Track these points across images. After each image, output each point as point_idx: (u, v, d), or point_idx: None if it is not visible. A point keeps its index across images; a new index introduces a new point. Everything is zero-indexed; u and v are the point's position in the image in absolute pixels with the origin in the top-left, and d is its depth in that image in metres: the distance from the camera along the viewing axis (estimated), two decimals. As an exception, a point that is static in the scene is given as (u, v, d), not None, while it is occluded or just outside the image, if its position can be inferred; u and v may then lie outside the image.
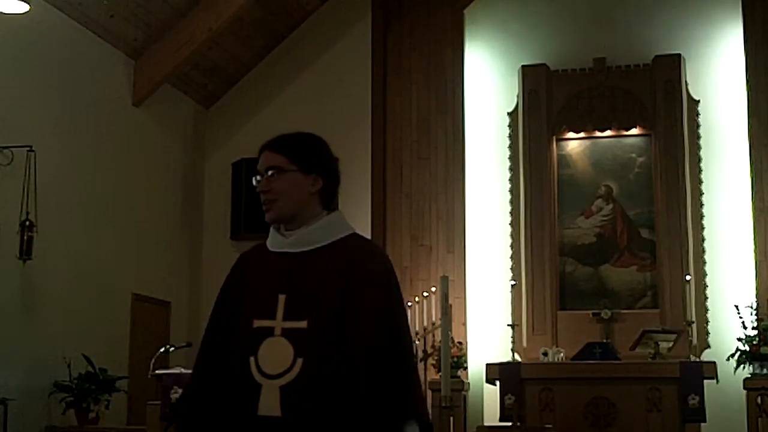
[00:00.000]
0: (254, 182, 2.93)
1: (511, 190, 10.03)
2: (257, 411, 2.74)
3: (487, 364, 8.90)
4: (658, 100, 9.72)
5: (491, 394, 9.13)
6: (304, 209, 2.91)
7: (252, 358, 2.77)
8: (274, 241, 2.94)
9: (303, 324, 2.77)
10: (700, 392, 8.20)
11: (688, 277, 9.25)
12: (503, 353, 9.52)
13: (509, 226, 9.98)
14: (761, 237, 9.42)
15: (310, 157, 2.92)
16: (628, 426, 8.29)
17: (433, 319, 9.56)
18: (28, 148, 8.01)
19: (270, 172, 2.88)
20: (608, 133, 9.91)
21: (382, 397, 2.71)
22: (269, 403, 2.73)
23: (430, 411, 9.16)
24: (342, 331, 2.76)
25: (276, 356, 2.76)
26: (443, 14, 10.43)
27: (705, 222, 9.64)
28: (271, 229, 2.97)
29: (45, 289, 8.34)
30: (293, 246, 2.89)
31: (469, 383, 9.45)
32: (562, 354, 9.03)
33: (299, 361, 2.74)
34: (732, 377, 8.70)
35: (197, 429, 2.89)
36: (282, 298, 2.82)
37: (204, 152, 10.88)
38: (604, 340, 9.08)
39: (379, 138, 10.31)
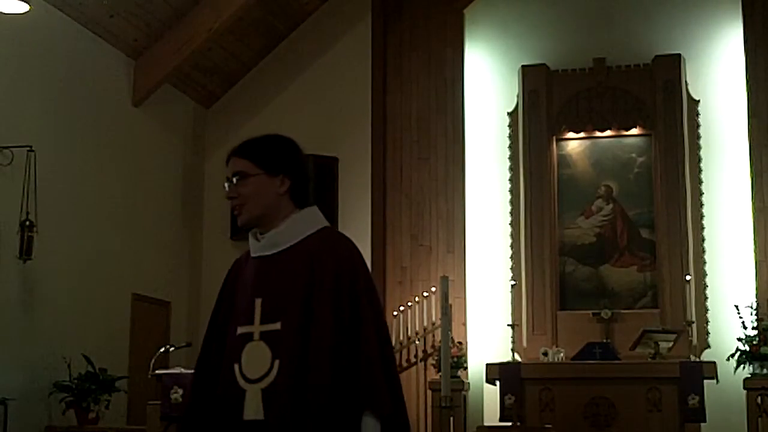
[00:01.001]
0: (225, 188, 2.97)
1: (511, 190, 10.03)
2: (243, 416, 2.79)
3: (487, 364, 8.91)
4: (658, 100, 9.72)
5: (491, 394, 9.14)
6: (273, 211, 2.94)
7: (236, 365, 2.83)
8: (252, 246, 2.98)
9: (277, 326, 2.81)
10: (700, 392, 8.21)
11: (688, 277, 9.25)
12: (503, 353, 9.52)
13: (509, 226, 9.98)
14: (761, 237, 9.42)
15: (274, 159, 2.95)
16: (628, 426, 8.29)
17: (433, 319, 9.56)
18: (28, 148, 8.01)
19: (236, 178, 2.93)
20: (608, 133, 9.91)
21: (340, 396, 2.72)
22: (253, 408, 2.78)
23: (429, 410, 9.17)
24: (308, 330, 2.79)
25: (256, 360, 2.81)
26: (443, 14, 10.42)
27: (705, 222, 9.64)
28: (249, 235, 3.00)
29: (45, 289, 8.34)
30: (265, 249, 2.93)
31: (469, 383, 9.45)
32: (562, 354, 9.03)
33: (276, 363, 2.78)
34: (732, 377, 8.71)
35: None
36: (258, 302, 2.87)
37: (204, 152, 10.88)
38: (604, 340, 9.09)
39: (379, 138, 10.31)
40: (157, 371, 7.65)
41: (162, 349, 8.08)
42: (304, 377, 2.75)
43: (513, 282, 9.67)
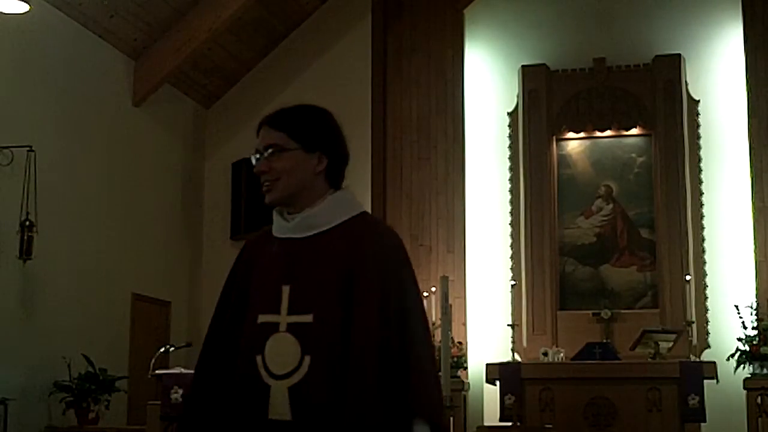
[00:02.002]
0: (253, 161, 2.72)
1: (511, 190, 10.02)
2: (267, 414, 2.53)
3: (487, 364, 8.90)
4: (658, 100, 9.72)
5: (491, 394, 9.13)
6: (307, 190, 2.68)
7: (259, 357, 2.56)
8: (277, 226, 2.71)
9: (308, 318, 2.54)
10: (700, 392, 8.20)
11: (688, 277, 9.25)
12: (503, 353, 9.52)
13: (509, 226, 9.97)
14: (761, 237, 9.42)
15: (313, 134, 2.70)
16: (628, 426, 8.29)
17: (433, 319, 9.55)
18: (28, 148, 8.01)
19: (269, 151, 2.68)
20: (608, 133, 9.90)
21: (387, 398, 2.48)
22: (279, 406, 2.51)
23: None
24: (348, 324, 2.53)
25: (282, 354, 2.54)
26: (443, 14, 10.42)
27: (705, 222, 9.63)
28: (275, 213, 2.74)
29: (45, 289, 8.34)
30: (296, 230, 2.66)
31: (469, 383, 9.45)
32: (562, 354, 9.02)
33: (307, 359, 2.51)
34: (732, 377, 8.71)
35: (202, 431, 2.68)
36: (286, 289, 2.59)
37: (204, 152, 10.88)
38: (604, 340, 9.08)
39: (379, 138, 10.30)
40: (157, 371, 7.64)
41: (162, 349, 8.08)
42: (342, 376, 2.49)
43: (513, 282, 9.67)
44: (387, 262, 2.60)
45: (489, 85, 10.36)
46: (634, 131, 9.88)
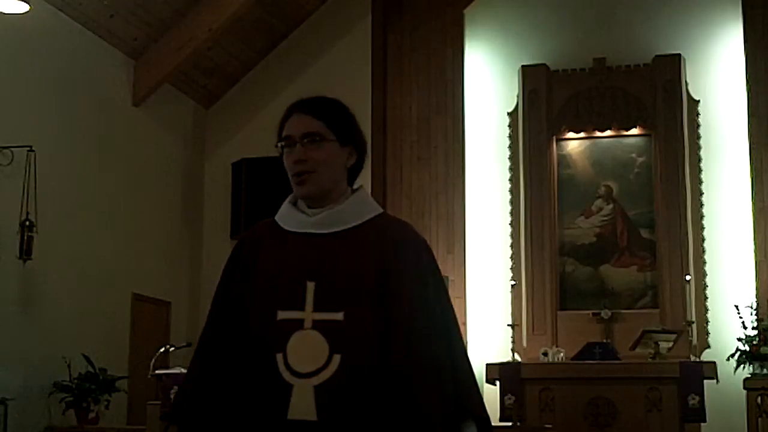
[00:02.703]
0: (280, 149, 2.59)
1: (511, 190, 10.02)
2: (287, 414, 2.41)
3: (487, 364, 8.91)
4: (658, 100, 9.72)
5: (491, 394, 9.11)
6: (336, 185, 2.59)
7: (280, 355, 2.44)
8: (294, 220, 2.60)
9: (339, 316, 2.45)
10: (700, 392, 8.21)
11: (688, 277, 9.25)
12: (503, 353, 9.52)
13: (509, 226, 9.97)
14: (761, 237, 9.42)
15: (348, 127, 2.61)
16: (628, 426, 8.29)
17: (433, 319, 9.54)
18: (28, 148, 8.01)
19: (307, 139, 2.55)
20: (608, 133, 9.90)
21: (439, 397, 2.43)
22: (302, 406, 2.40)
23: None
24: (382, 324, 2.45)
25: (308, 352, 2.43)
26: (443, 14, 10.43)
27: (705, 222, 9.63)
28: (287, 205, 2.64)
29: (45, 289, 8.34)
30: (320, 226, 2.55)
31: (469, 383, 9.43)
32: (562, 354, 9.03)
33: (336, 357, 2.41)
34: (732, 377, 8.71)
35: (205, 429, 2.56)
36: (311, 285, 2.48)
37: (204, 152, 10.88)
38: (604, 340, 9.08)
39: (379, 138, 10.30)
40: (157, 371, 7.65)
41: (162, 349, 8.08)
42: (377, 379, 2.42)
43: (513, 282, 9.67)
44: (423, 261, 2.57)
45: (489, 85, 10.37)
46: (634, 131, 9.88)
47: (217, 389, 2.54)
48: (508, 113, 10.19)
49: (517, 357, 9.41)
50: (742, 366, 8.76)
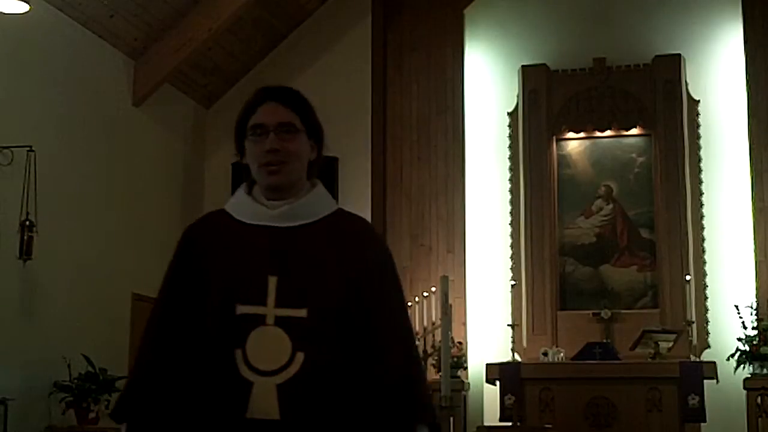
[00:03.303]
0: (252, 137, 2.54)
1: (511, 190, 10.02)
2: (246, 412, 2.34)
3: (487, 364, 8.92)
4: (658, 100, 9.72)
5: (491, 394, 9.14)
6: (301, 178, 2.56)
7: (239, 351, 2.37)
8: (252, 212, 2.55)
9: (302, 312, 2.39)
10: (700, 392, 8.21)
11: (688, 277, 9.25)
12: (503, 353, 9.52)
13: (509, 226, 9.97)
14: (761, 237, 9.42)
15: (314, 121, 2.59)
16: (628, 426, 8.29)
17: (433, 319, 9.55)
18: (28, 148, 8.00)
19: (283, 129, 2.52)
20: (608, 133, 9.90)
21: (400, 401, 2.41)
22: (264, 405, 2.33)
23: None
24: (346, 323, 2.41)
25: (270, 349, 2.36)
26: (443, 14, 10.43)
27: (705, 222, 9.63)
28: (242, 195, 2.61)
29: (45, 289, 8.34)
30: (280, 219, 2.50)
31: (469, 383, 9.45)
32: (562, 354, 9.03)
33: (299, 355, 2.36)
34: (732, 377, 8.71)
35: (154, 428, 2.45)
36: (273, 280, 2.41)
37: (204, 152, 10.88)
38: (604, 340, 9.09)
39: (379, 138, 10.31)
40: (157, 371, 7.63)
41: (162, 349, 8.07)
42: (340, 378, 2.39)
43: (513, 282, 9.67)
44: (387, 262, 2.56)
45: (489, 85, 10.37)
46: (634, 131, 9.88)
47: (167, 386, 2.45)
48: (508, 113, 10.19)
49: (517, 357, 9.41)
50: (742, 366, 8.77)
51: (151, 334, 2.54)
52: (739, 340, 8.87)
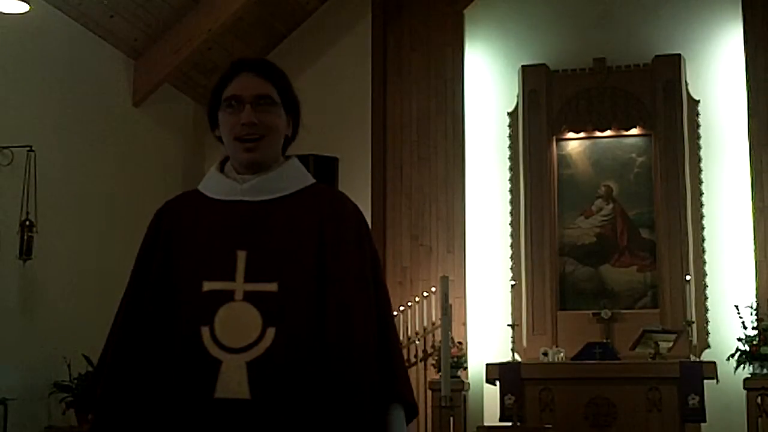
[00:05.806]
0: (227, 108, 2.43)
1: (511, 190, 10.02)
2: (214, 392, 2.23)
3: (487, 364, 8.92)
4: (658, 100, 9.72)
5: (491, 394, 9.14)
6: (277, 154, 2.48)
7: (206, 328, 2.27)
8: (221, 187, 2.47)
9: (272, 287, 2.29)
10: (700, 392, 8.22)
11: (688, 277, 9.25)
12: (503, 353, 9.53)
13: (509, 226, 9.97)
14: (761, 237, 9.42)
15: (292, 95, 2.50)
16: (628, 426, 8.29)
17: (433, 319, 9.56)
18: (28, 148, 8.01)
19: (262, 101, 2.41)
20: (608, 133, 9.90)
21: (369, 379, 2.29)
22: (233, 383, 2.23)
23: (429, 410, 9.17)
24: (319, 297, 2.30)
25: (239, 325, 2.26)
26: (443, 14, 10.42)
27: (705, 222, 9.63)
28: (214, 172, 2.54)
29: (45, 289, 8.34)
30: (251, 193, 2.42)
31: (469, 383, 9.45)
32: (562, 354, 9.03)
33: (270, 331, 2.25)
34: (732, 377, 8.71)
35: (124, 418, 2.42)
36: (242, 255, 2.33)
37: (204, 152, 10.88)
38: (604, 340, 9.09)
39: (379, 138, 10.31)
40: (157, 371, 7.63)
41: (162, 349, 8.07)
42: (313, 354, 2.26)
43: (513, 282, 9.67)
44: (363, 234, 2.46)
45: (489, 85, 10.37)
46: (634, 131, 9.87)
47: (136, 370, 2.37)
48: (508, 113, 10.19)
49: (517, 357, 9.41)
50: (742, 366, 8.76)
51: (119, 318, 2.47)
52: (739, 340, 8.87)
